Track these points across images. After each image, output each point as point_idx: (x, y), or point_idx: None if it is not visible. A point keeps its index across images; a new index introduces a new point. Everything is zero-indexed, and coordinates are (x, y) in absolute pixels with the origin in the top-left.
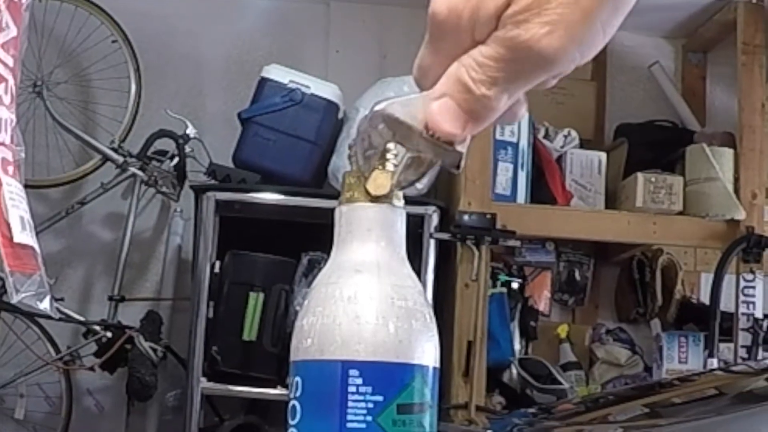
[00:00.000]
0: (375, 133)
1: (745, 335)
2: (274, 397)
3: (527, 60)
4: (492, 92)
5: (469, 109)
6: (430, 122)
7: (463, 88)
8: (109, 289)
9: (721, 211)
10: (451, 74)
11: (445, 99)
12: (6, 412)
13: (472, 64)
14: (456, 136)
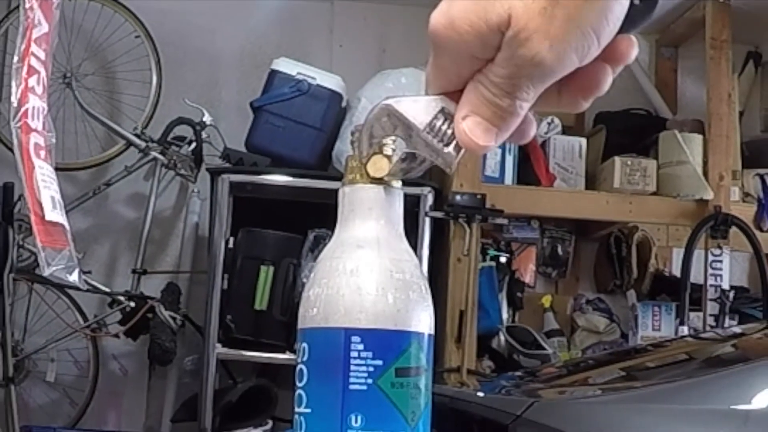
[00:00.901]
0: (378, 124)
1: (713, 305)
2: (283, 362)
3: (536, 73)
4: (515, 102)
5: (497, 120)
6: (462, 140)
7: (487, 103)
8: (132, 263)
9: (691, 192)
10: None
11: (472, 116)
12: (38, 375)
13: (490, 83)
14: (490, 147)
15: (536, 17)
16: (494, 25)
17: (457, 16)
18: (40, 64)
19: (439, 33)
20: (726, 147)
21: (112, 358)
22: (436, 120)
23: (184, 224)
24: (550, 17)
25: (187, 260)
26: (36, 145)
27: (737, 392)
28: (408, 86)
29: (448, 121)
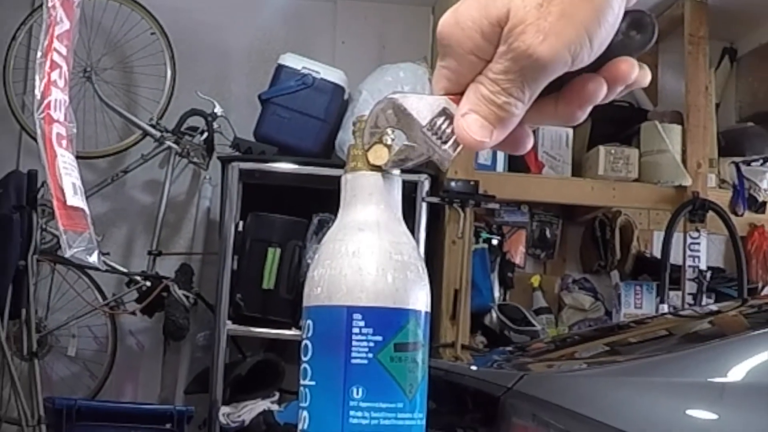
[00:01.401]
0: (383, 116)
1: (691, 284)
2: (289, 337)
3: (531, 66)
4: (511, 100)
5: (493, 118)
6: (460, 136)
7: (485, 101)
8: (148, 245)
9: (671, 179)
10: (470, 93)
11: (470, 114)
12: (60, 350)
13: (488, 81)
14: (485, 144)
15: (532, 11)
16: (494, 19)
17: (461, 14)
18: (61, 59)
19: (445, 31)
20: (703, 137)
21: (130, 334)
22: (437, 118)
23: (196, 209)
24: (546, 13)
25: (199, 242)
26: (58, 135)
27: (713, 366)
28: (406, 80)
29: (448, 120)
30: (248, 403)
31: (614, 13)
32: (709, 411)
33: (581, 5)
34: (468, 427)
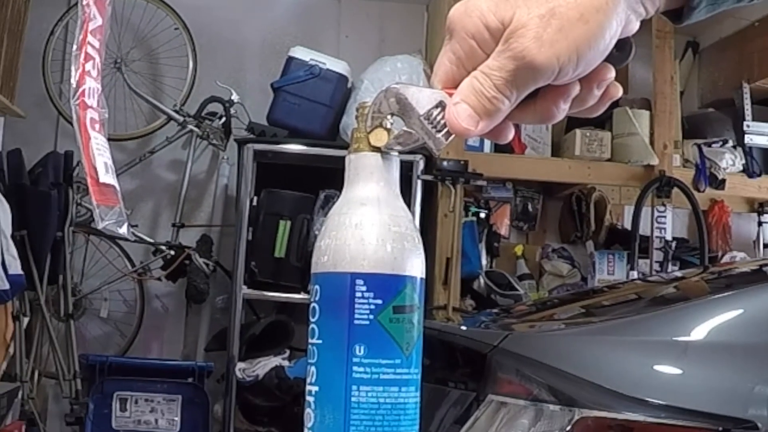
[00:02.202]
0: (385, 102)
1: (658, 253)
2: (299, 301)
3: (523, 68)
4: (499, 96)
5: (481, 110)
6: (450, 122)
7: (476, 93)
8: (172, 218)
9: (640, 159)
10: (464, 85)
11: (461, 103)
12: (94, 312)
13: (481, 75)
14: (471, 132)
15: (535, 20)
16: (499, 18)
17: (472, 5)
18: (95, 51)
19: (454, 16)
20: (669, 121)
21: (155, 298)
22: (434, 109)
23: (215, 185)
24: (546, 24)
25: (218, 216)
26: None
27: (678, 326)
28: (402, 70)
29: (443, 112)
30: (261, 360)
31: (605, 42)
32: (674, 366)
33: (577, 26)
34: (458, 381)
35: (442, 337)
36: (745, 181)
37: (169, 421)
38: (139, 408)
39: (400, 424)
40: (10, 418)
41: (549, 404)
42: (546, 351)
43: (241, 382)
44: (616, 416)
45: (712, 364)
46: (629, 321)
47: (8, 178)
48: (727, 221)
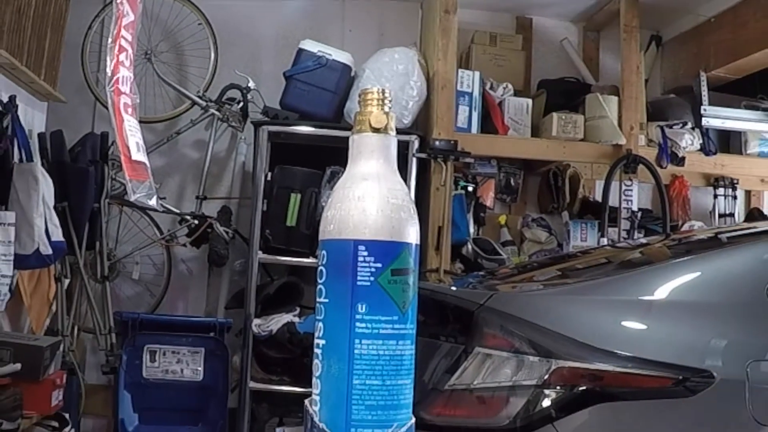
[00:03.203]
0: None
1: (626, 222)
2: (308, 264)
3: None
4: None
5: None
6: None
7: None
8: (196, 191)
9: (610, 139)
10: None
11: None
12: (126, 274)
13: None
14: None
15: None
16: None
17: None
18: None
19: None
20: (635, 105)
21: (181, 262)
22: None
23: (234, 162)
24: None
25: (236, 189)
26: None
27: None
28: (399, 61)
29: None
30: (275, 316)
31: None
32: (639, 322)
33: None
34: (449, 335)
35: (435, 297)
36: (702, 159)
37: (193, 371)
38: (167, 359)
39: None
40: (53, 368)
41: (529, 356)
42: (526, 309)
43: (256, 336)
44: (588, 366)
45: (673, 321)
46: (600, 282)
47: (51, 156)
48: (687, 194)
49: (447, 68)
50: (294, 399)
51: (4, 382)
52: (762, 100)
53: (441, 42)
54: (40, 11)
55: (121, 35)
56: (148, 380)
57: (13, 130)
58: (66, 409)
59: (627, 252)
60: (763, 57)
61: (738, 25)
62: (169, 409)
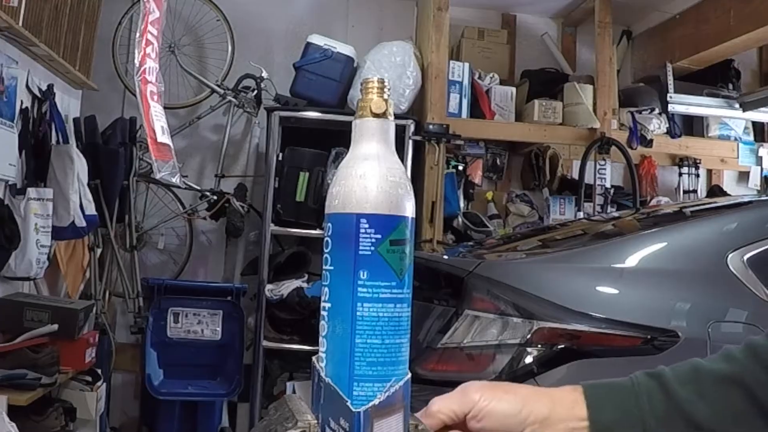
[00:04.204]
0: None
1: (600, 198)
2: (315, 235)
3: None
4: None
5: None
6: None
7: None
8: (215, 170)
9: (585, 123)
10: None
11: None
12: (153, 245)
13: None
14: None
15: None
16: None
17: None
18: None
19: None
20: (608, 93)
21: (201, 233)
22: None
23: (249, 144)
24: None
25: (251, 168)
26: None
27: (615, 256)
28: (397, 53)
29: None
30: (285, 282)
31: None
32: (612, 288)
33: None
34: (441, 299)
35: (429, 264)
36: (668, 141)
37: (212, 331)
38: (189, 320)
39: (395, 333)
40: (86, 328)
41: (513, 317)
42: (511, 275)
43: (269, 300)
44: (566, 326)
45: (642, 286)
46: (576, 252)
47: (85, 138)
48: (654, 172)
49: (440, 60)
50: (303, 356)
51: (43, 341)
52: (722, 89)
53: (434, 36)
54: (75, 9)
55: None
56: (172, 339)
57: (51, 115)
58: (98, 365)
59: (601, 224)
60: (723, 50)
61: (700, 21)
62: (191, 365)
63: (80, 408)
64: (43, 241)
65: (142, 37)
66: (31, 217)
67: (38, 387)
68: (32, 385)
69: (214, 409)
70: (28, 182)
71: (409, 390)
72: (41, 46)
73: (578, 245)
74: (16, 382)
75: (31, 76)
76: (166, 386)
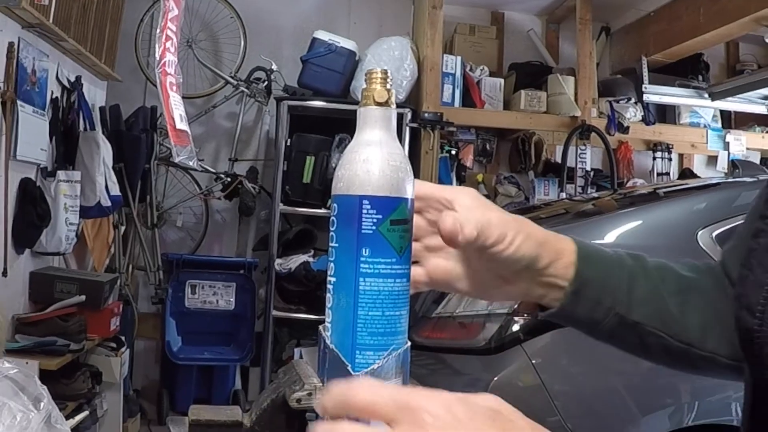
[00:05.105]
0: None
1: (581, 180)
2: (320, 214)
3: None
4: None
5: None
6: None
7: None
8: (228, 154)
9: (567, 111)
10: None
11: None
12: (172, 222)
13: None
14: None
15: None
16: None
17: None
18: (173, 33)
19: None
20: (588, 84)
21: (216, 212)
22: None
23: (260, 131)
24: None
25: (262, 152)
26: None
27: (595, 232)
28: (395, 48)
29: None
30: (293, 257)
31: None
32: None
33: None
34: None
35: None
36: (643, 128)
37: (226, 301)
38: (205, 292)
39: (395, 305)
40: (111, 299)
41: None
42: None
43: (278, 273)
44: None
45: None
46: (559, 229)
47: (110, 125)
48: (631, 157)
49: (434, 54)
50: (309, 324)
51: (72, 310)
52: (692, 80)
53: (429, 32)
54: (101, 6)
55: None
56: (189, 309)
57: (79, 104)
58: (122, 332)
59: (582, 204)
60: (693, 44)
61: (673, 18)
62: (207, 333)
63: (105, 372)
64: (72, 219)
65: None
66: (60, 197)
67: (67, 353)
68: (62, 351)
69: (228, 373)
70: (58, 165)
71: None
72: (70, 41)
73: (561, 223)
74: (47, 348)
75: (61, 69)
76: (184, 352)
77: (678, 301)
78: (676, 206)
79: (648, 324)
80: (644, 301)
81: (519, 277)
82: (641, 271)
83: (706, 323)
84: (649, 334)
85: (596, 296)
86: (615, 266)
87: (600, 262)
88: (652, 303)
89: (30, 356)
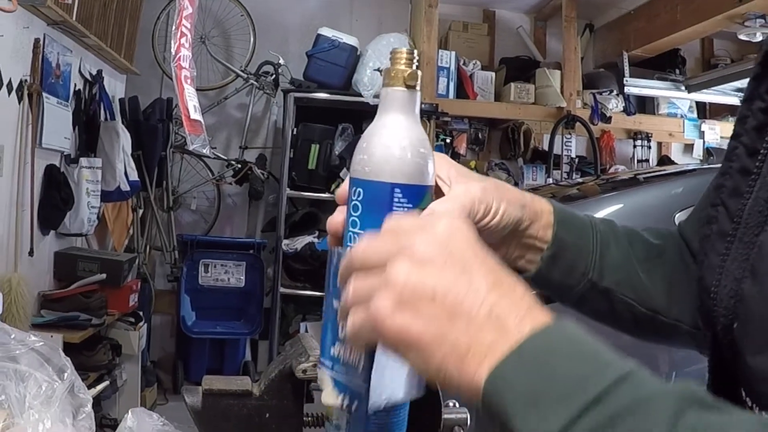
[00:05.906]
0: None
1: (566, 166)
2: (324, 198)
3: None
4: None
5: None
6: None
7: None
8: (239, 142)
9: (554, 102)
10: None
11: None
12: (186, 206)
13: None
14: None
15: None
16: None
17: None
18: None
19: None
20: (573, 77)
21: (228, 196)
22: None
23: (268, 121)
24: None
25: (270, 141)
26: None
27: None
28: (394, 43)
29: None
30: (299, 238)
31: None
32: None
33: None
34: None
35: None
36: (624, 118)
37: (237, 279)
38: (217, 270)
39: None
40: (130, 277)
41: None
42: None
43: (285, 253)
44: None
45: None
46: None
47: (129, 116)
48: (613, 145)
49: (430, 49)
50: (314, 300)
51: (93, 288)
52: (670, 74)
53: (426, 29)
54: (121, 5)
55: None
56: (203, 286)
57: (100, 96)
58: (140, 308)
59: (567, 189)
60: (671, 40)
61: (652, 16)
62: (219, 308)
63: (125, 345)
64: (93, 203)
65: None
66: (83, 182)
67: (89, 327)
68: (84, 325)
69: (239, 346)
70: (81, 153)
71: None
72: (92, 37)
73: None
74: (70, 322)
75: (83, 63)
76: (197, 326)
77: (645, 267)
78: (655, 191)
79: (618, 290)
80: (615, 268)
81: (502, 242)
82: (612, 237)
83: (671, 290)
84: (619, 301)
85: (571, 261)
86: (588, 230)
87: (575, 225)
88: (623, 269)
89: (54, 330)
